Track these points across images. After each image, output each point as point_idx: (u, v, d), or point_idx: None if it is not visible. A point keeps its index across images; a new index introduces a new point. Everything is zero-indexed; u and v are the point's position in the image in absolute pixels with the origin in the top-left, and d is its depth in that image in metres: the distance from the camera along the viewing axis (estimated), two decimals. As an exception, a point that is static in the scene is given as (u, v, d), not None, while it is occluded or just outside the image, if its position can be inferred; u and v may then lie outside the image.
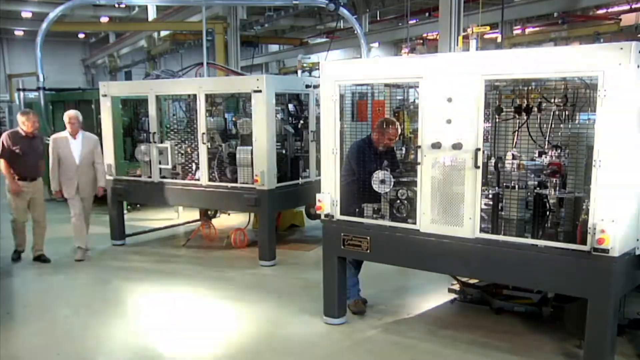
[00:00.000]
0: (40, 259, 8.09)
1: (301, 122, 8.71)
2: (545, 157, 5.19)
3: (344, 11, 12.13)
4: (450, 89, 4.67)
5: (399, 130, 5.87)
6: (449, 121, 4.72)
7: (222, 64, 14.49)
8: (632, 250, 4.36)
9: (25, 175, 7.81)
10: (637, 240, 4.38)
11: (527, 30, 25.42)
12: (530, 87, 5.13)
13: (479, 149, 4.61)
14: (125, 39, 28.90)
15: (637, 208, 4.33)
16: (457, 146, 4.68)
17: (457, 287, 6.21)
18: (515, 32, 25.88)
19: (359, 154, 5.64)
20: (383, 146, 5.78)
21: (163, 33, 25.44)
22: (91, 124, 11.95)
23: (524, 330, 5.47)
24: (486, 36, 27.27)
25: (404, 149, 6.99)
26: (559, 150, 5.09)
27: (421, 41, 30.11)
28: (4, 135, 7.77)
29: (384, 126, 5.76)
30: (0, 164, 7.74)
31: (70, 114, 8.11)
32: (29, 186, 7.86)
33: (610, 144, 4.04)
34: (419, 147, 4.91)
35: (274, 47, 33.57)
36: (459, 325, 5.64)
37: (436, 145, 4.78)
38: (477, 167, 4.63)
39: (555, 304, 5.29)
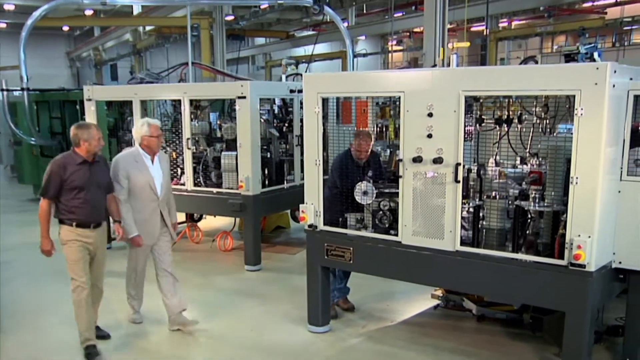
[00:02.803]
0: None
1: (286, 124, 8.75)
2: (527, 165, 5.27)
3: (328, 10, 12.14)
4: (430, 104, 4.72)
5: (372, 143, 5.92)
6: (429, 136, 4.77)
7: (208, 64, 14.45)
8: (608, 264, 4.45)
9: (88, 220, 5.22)
10: (614, 254, 4.47)
11: (514, 24, 25.57)
12: (510, 100, 5.18)
13: (459, 164, 4.67)
14: (110, 32, 28.75)
15: (613, 222, 4.41)
16: (437, 160, 4.74)
17: (439, 292, 6.30)
18: (502, 24, 26.03)
19: (340, 167, 5.68)
20: (359, 158, 5.82)
21: (148, 27, 25.30)
22: (76, 124, 11.96)
23: (505, 337, 5.57)
24: (473, 29, 27.47)
25: (388, 150, 7.02)
26: (539, 159, 5.16)
27: (408, 34, 30.21)
28: (54, 163, 5.17)
29: (356, 137, 5.83)
30: (41, 205, 5.16)
31: (153, 123, 5.66)
32: (91, 236, 5.26)
33: (587, 162, 4.11)
34: (401, 160, 4.96)
35: (260, 40, 33.46)
36: (441, 332, 5.72)
37: (417, 160, 4.83)
38: (457, 181, 4.69)
39: (534, 315, 5.38)
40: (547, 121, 5.25)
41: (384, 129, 7.13)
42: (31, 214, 12.17)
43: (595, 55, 14.17)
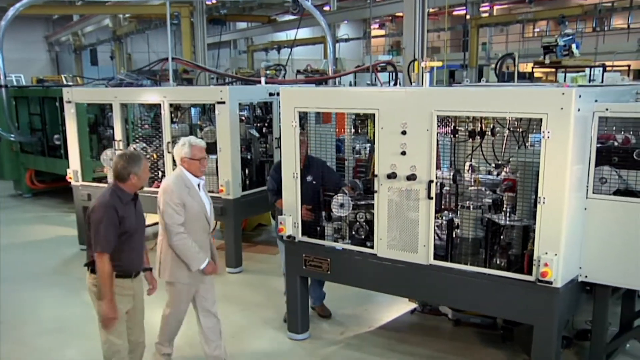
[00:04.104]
0: None
1: (266, 124, 8.81)
2: (501, 172, 5.43)
3: (308, 6, 12.14)
4: (404, 122, 4.82)
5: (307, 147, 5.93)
6: (403, 153, 4.88)
7: (188, 60, 14.37)
8: (575, 278, 4.62)
9: (131, 269, 4.48)
10: (580, 268, 4.64)
11: (495, 9, 25.64)
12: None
13: (431, 181, 4.79)
14: (90, 17, 28.31)
15: (579, 238, 4.57)
16: (411, 177, 4.85)
17: (417, 296, 6.46)
18: (484, 8, 26.04)
19: (276, 170, 5.71)
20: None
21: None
22: (56, 121, 11.91)
23: (479, 343, 5.74)
24: (455, 13, 27.47)
25: (367, 146, 7.11)
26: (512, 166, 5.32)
27: (390, 18, 30.18)
28: (103, 206, 4.26)
29: None
30: (102, 263, 4.23)
31: (196, 144, 4.88)
32: (131, 287, 4.51)
33: (554, 183, 4.25)
34: (376, 176, 5.08)
35: (242, 24, 33.19)
36: (417, 338, 5.89)
37: (391, 176, 4.94)
38: (430, 198, 4.82)
39: (505, 325, 5.57)
40: (520, 131, 5.41)
41: (361, 125, 7.24)
42: (12, 211, 12.24)
43: (573, 47, 14.24)
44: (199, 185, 4.93)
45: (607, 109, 4.37)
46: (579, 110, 4.16)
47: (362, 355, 5.60)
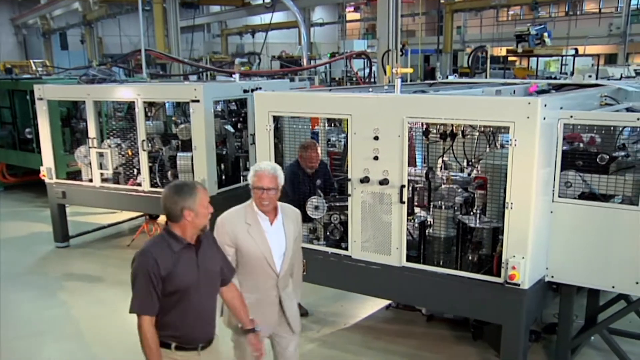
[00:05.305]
0: None
1: (241, 118, 8.83)
2: (472, 170, 5.57)
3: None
4: (376, 128, 4.91)
5: (320, 153, 6.10)
6: (376, 158, 4.98)
7: (161, 51, 14.20)
8: (542, 278, 4.79)
9: (194, 338, 3.45)
10: (547, 268, 4.80)
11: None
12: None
13: (403, 186, 4.90)
14: (57, 0, 27.71)
15: (546, 240, 4.72)
16: (383, 182, 4.96)
17: (391, 292, 6.60)
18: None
19: (291, 178, 5.84)
20: (309, 168, 5.98)
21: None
22: (27, 114, 11.75)
23: (451, 339, 5.91)
24: (429, -4, 27.46)
25: (342, 138, 7.18)
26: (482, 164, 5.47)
27: (365, 1, 30.10)
28: (141, 257, 3.26)
29: (304, 149, 5.97)
30: (140, 327, 3.25)
31: (261, 170, 3.93)
32: None
33: (521, 189, 4.39)
34: (349, 180, 5.17)
35: (215, 8, 32.83)
36: (392, 335, 6.03)
37: (364, 180, 5.04)
38: (402, 202, 4.93)
39: (475, 324, 5.74)
40: (490, 131, 5.54)
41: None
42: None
43: (545, 35, 14.53)
44: (273, 220, 3.98)
45: (571, 116, 4.51)
46: (544, 118, 4.29)
47: (339, 353, 5.73)
